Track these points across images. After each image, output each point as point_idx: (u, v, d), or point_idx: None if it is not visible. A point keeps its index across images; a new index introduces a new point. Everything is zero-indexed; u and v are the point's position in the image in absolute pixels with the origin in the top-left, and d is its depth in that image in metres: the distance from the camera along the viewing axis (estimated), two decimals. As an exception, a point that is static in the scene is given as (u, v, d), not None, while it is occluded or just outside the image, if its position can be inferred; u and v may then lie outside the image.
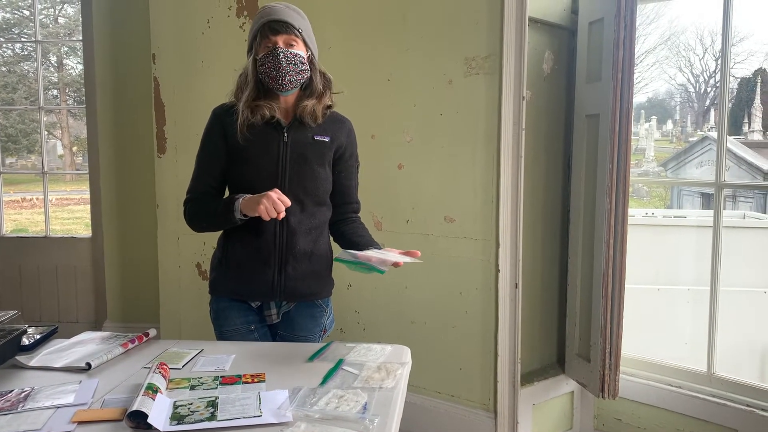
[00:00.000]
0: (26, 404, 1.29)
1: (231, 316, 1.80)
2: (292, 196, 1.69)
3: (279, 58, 1.67)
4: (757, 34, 28.05)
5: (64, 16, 19.26)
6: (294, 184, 1.72)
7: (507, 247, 2.38)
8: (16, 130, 18.01)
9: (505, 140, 2.34)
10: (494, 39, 2.33)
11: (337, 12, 2.61)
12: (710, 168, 9.42)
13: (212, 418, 1.21)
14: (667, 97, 27.81)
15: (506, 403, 2.44)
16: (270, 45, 1.69)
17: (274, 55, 1.68)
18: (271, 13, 1.71)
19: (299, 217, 1.74)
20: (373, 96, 2.58)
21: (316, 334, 1.83)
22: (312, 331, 1.82)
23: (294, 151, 1.73)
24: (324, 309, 1.85)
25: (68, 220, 12.39)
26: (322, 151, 1.77)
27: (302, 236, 1.75)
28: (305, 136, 1.75)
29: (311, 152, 1.75)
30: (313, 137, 1.76)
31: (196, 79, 2.81)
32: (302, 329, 1.81)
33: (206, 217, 1.76)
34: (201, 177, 1.80)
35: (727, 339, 2.72)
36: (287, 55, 1.68)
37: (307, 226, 1.76)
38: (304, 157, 1.74)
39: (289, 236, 1.73)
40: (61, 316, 3.83)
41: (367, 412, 1.26)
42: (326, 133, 1.78)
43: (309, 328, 1.81)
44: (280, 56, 1.67)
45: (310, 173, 1.74)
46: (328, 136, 1.78)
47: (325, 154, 1.77)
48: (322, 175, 1.77)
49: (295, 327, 1.81)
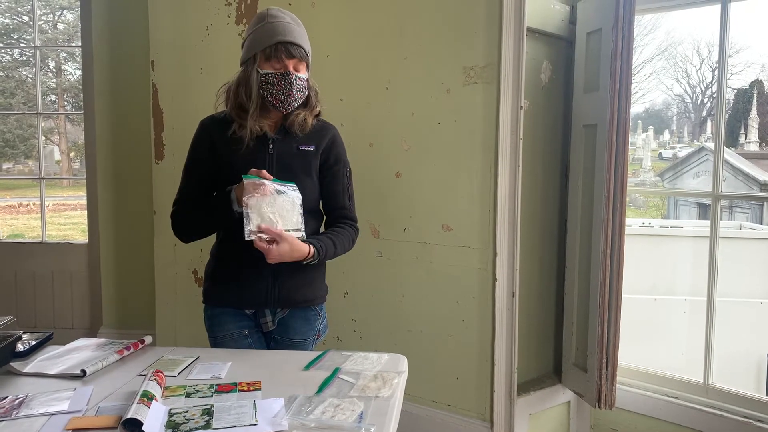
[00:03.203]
0: (20, 411, 1.28)
1: (225, 321, 1.80)
2: None
3: (291, 85, 1.68)
4: (753, 45, 28.29)
5: (64, 22, 19.28)
6: None
7: (504, 256, 2.38)
8: (13, 135, 17.99)
9: (502, 149, 2.35)
10: (492, 48, 2.34)
11: (335, 20, 2.62)
12: (707, 178, 9.44)
13: (207, 427, 1.21)
14: (664, 107, 27.93)
15: (502, 412, 2.43)
16: (279, 66, 1.68)
17: (286, 81, 1.67)
18: (286, 32, 1.67)
19: None
20: (371, 104, 2.59)
21: (310, 338, 1.84)
22: (306, 334, 1.83)
23: (279, 162, 1.74)
24: (318, 313, 1.87)
25: (65, 226, 12.36)
26: (307, 160, 1.78)
27: None
28: (290, 147, 1.76)
29: (297, 163, 1.76)
30: (298, 147, 1.77)
31: (194, 86, 2.81)
32: (296, 333, 1.82)
33: (198, 219, 1.76)
34: (188, 187, 1.81)
35: (724, 349, 2.72)
36: (297, 82, 1.69)
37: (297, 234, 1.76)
38: (290, 168, 1.75)
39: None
40: (56, 322, 3.81)
41: (363, 421, 1.25)
42: (311, 142, 1.79)
43: (303, 331, 1.82)
44: (292, 84, 1.68)
45: (297, 184, 1.73)
46: (313, 145, 1.79)
47: (310, 163, 1.78)
48: (309, 185, 1.77)
49: (289, 331, 1.82)
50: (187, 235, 1.81)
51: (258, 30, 1.70)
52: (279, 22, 1.69)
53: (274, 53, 1.67)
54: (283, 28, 1.68)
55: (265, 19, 1.71)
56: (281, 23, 1.69)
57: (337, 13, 2.62)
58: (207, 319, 1.85)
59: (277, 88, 1.68)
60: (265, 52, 1.67)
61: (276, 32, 1.67)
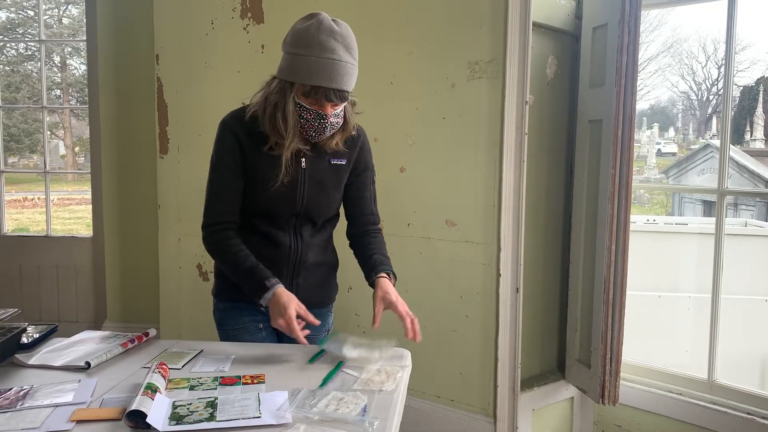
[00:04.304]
0: (25, 403, 1.29)
1: (239, 314, 1.78)
2: (306, 216, 1.72)
3: (325, 127, 1.61)
4: (760, 42, 28.13)
5: (69, 17, 19.30)
6: (310, 208, 1.72)
7: (508, 251, 2.38)
8: (19, 129, 18.03)
9: (507, 145, 2.34)
10: (498, 43, 2.33)
11: (339, 14, 2.60)
12: (712, 176, 9.41)
13: (211, 419, 1.21)
14: (669, 104, 27.84)
15: (506, 408, 2.43)
16: (317, 106, 1.57)
17: (320, 122, 1.59)
18: (335, 77, 1.53)
19: (311, 232, 1.77)
20: (375, 99, 2.57)
21: (321, 334, 1.84)
22: (318, 331, 1.81)
23: (312, 177, 1.70)
24: (330, 311, 1.91)
25: (70, 220, 12.39)
26: (338, 174, 1.75)
27: (314, 249, 1.78)
28: (322, 161, 1.71)
29: (328, 178, 1.73)
30: (330, 161, 1.72)
31: (199, 80, 2.81)
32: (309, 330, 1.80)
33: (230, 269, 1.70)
34: (220, 200, 1.69)
35: (728, 346, 2.71)
36: (332, 123, 1.62)
37: (318, 240, 1.79)
38: (322, 183, 1.72)
39: (303, 251, 1.75)
40: (61, 316, 3.82)
41: (366, 414, 1.25)
42: (343, 156, 1.74)
43: (316, 329, 1.80)
44: (326, 126, 1.61)
45: (326, 198, 1.73)
46: (345, 159, 1.74)
47: (341, 176, 1.76)
48: (336, 198, 1.78)
49: None
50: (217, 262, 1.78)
51: (306, 59, 1.53)
52: (333, 61, 1.53)
53: (314, 94, 1.55)
54: (335, 72, 1.53)
55: (318, 45, 1.53)
56: (335, 63, 1.53)
57: (341, 6, 2.60)
58: (218, 312, 1.82)
59: (311, 125, 1.60)
60: (305, 88, 1.55)
61: (326, 74, 1.53)
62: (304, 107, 1.58)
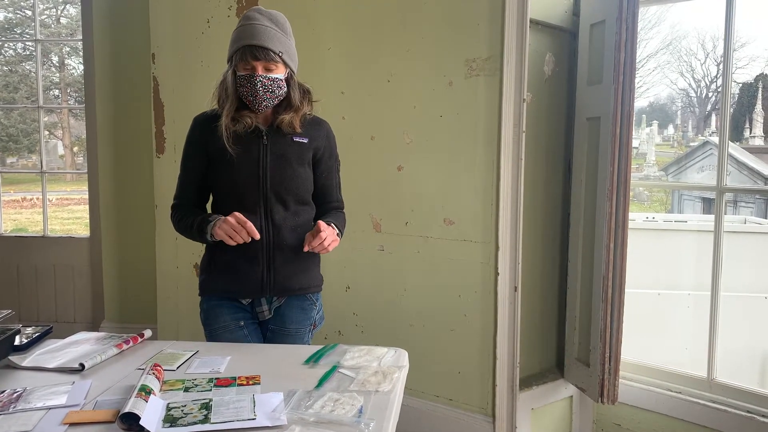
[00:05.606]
0: (18, 405, 1.28)
1: (220, 313, 1.82)
2: (274, 195, 1.77)
3: (257, 86, 1.71)
4: (759, 39, 27.97)
5: (66, 17, 19.26)
6: (275, 182, 1.78)
7: (506, 250, 2.37)
8: (17, 129, 18.00)
9: (505, 142, 2.33)
10: (495, 41, 2.31)
11: (337, 13, 2.60)
12: (711, 173, 9.40)
13: (205, 421, 1.20)
14: (668, 101, 27.79)
15: (504, 407, 2.42)
16: (248, 68, 1.72)
17: (251, 83, 1.71)
18: (253, 35, 1.70)
19: (283, 214, 1.80)
20: (372, 97, 2.57)
21: (306, 327, 1.86)
22: (302, 324, 1.85)
23: (273, 152, 1.78)
24: (314, 303, 1.90)
25: (68, 220, 12.38)
26: (301, 150, 1.82)
27: (288, 233, 1.80)
28: (284, 138, 1.81)
29: (290, 152, 1.80)
30: (292, 138, 1.81)
31: (195, 78, 2.80)
32: (292, 322, 1.84)
33: (185, 231, 1.83)
34: (184, 184, 1.88)
35: (728, 344, 2.70)
36: (264, 83, 1.72)
37: (292, 223, 1.81)
38: (285, 156, 1.79)
39: (275, 234, 1.78)
40: (58, 317, 3.82)
41: (362, 416, 1.24)
42: (304, 136, 1.83)
43: (299, 321, 1.85)
44: (257, 85, 1.71)
45: (291, 172, 1.79)
46: (306, 138, 1.83)
47: (303, 154, 1.82)
48: (302, 174, 1.82)
49: (285, 321, 1.84)
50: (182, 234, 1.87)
51: (234, 32, 1.76)
52: (251, 24, 1.72)
53: (241, 56, 1.71)
54: (252, 32, 1.70)
55: (241, 21, 1.76)
56: (252, 26, 1.71)
57: (338, 5, 2.60)
58: (203, 312, 1.88)
59: (246, 89, 1.72)
60: (236, 56, 1.73)
61: (244, 36, 1.71)
62: (239, 77, 1.73)
